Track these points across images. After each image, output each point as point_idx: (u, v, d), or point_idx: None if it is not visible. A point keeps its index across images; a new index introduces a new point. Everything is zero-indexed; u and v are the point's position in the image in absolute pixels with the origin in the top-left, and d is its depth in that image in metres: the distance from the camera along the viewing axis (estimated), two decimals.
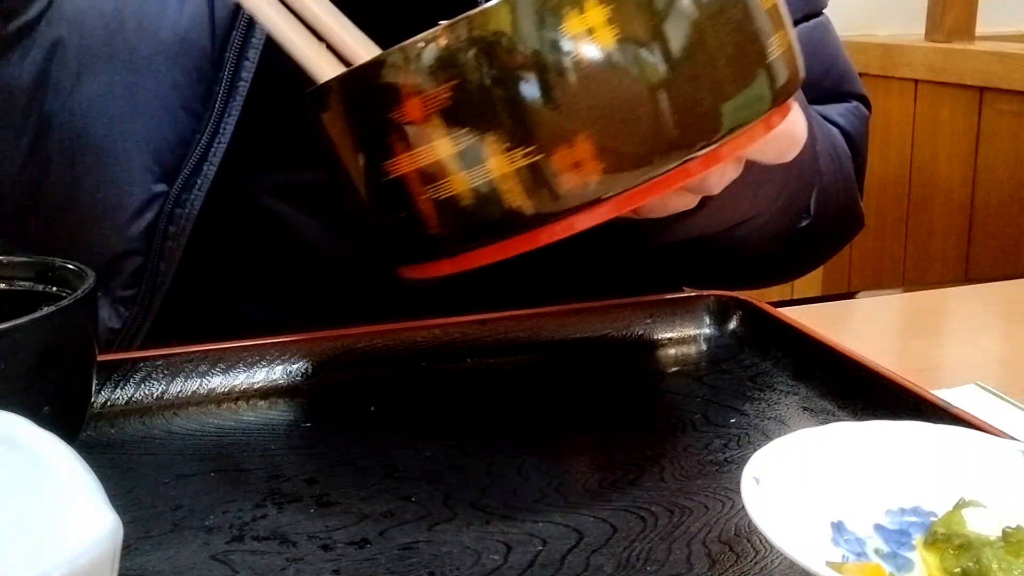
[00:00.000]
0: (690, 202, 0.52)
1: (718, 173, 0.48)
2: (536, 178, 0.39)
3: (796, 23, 0.78)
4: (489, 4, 0.38)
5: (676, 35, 0.39)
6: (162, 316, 0.65)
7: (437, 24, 0.39)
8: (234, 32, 0.61)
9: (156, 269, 0.63)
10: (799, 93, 0.72)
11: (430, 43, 0.38)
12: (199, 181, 0.62)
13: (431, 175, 0.40)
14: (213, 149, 0.61)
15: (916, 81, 1.78)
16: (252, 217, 0.68)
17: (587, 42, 0.38)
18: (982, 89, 1.67)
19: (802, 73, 0.45)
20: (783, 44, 0.42)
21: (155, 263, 0.63)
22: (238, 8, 0.60)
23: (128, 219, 0.62)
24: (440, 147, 0.39)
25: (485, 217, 0.40)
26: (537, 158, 0.38)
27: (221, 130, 0.61)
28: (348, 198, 0.44)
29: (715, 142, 0.40)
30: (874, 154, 1.99)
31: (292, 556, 0.41)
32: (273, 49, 0.48)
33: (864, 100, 0.84)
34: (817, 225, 0.75)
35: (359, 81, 0.41)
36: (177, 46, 0.60)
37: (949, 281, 1.57)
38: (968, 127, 1.70)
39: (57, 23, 0.60)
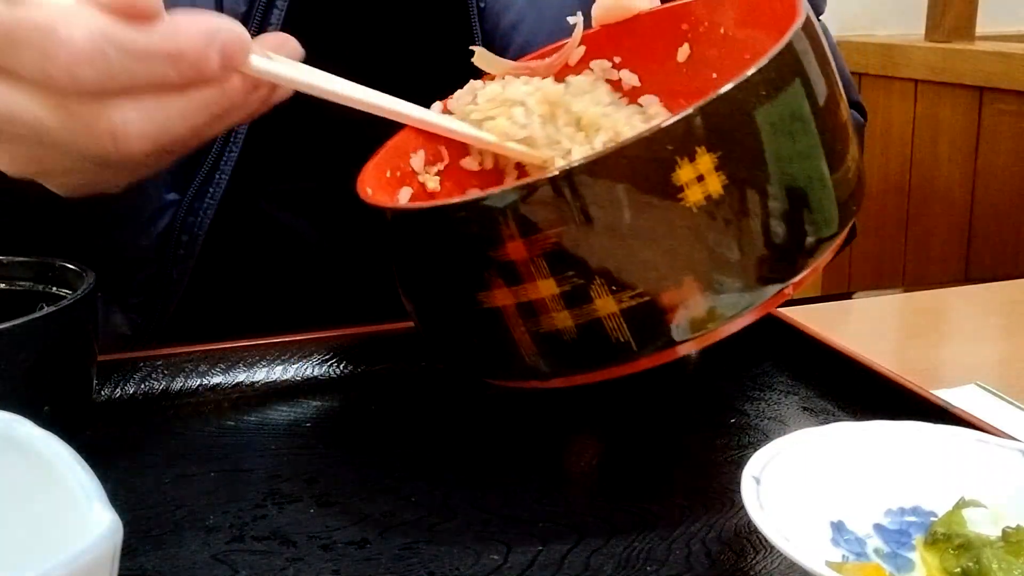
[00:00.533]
0: None
1: None
2: (642, 317, 0.39)
3: None
4: (600, 151, 0.38)
5: (777, 179, 0.39)
6: (171, 323, 0.65)
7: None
8: None
9: (169, 277, 0.63)
10: None
11: (536, 188, 0.38)
12: (211, 190, 0.62)
13: (533, 311, 0.39)
14: (225, 158, 0.62)
15: (916, 81, 1.79)
16: (256, 224, 0.68)
17: (696, 189, 0.38)
18: (982, 89, 1.67)
19: (864, 182, 0.46)
20: (855, 157, 0.44)
21: (168, 271, 0.63)
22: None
23: (141, 227, 0.62)
24: (543, 287, 0.39)
25: (587, 349, 0.40)
26: (644, 299, 0.39)
27: (233, 139, 0.62)
28: (427, 312, 0.44)
29: (808, 266, 0.41)
30: (874, 154, 2.00)
31: (292, 556, 0.41)
32: None
33: (860, 108, 0.84)
34: None
35: (459, 213, 0.39)
36: None
37: (949, 281, 1.57)
38: (968, 127, 1.70)
39: None
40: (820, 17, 0.82)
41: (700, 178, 0.38)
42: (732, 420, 0.52)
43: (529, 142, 0.48)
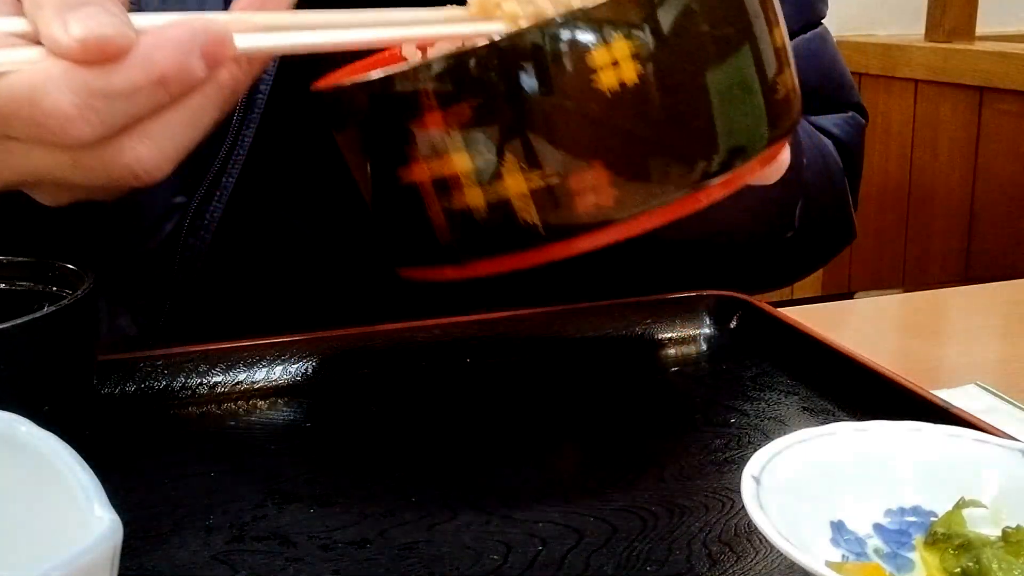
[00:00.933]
0: None
1: None
2: (550, 199, 0.39)
3: (795, 34, 0.78)
4: (521, 28, 0.39)
5: (695, 74, 0.40)
6: (175, 322, 0.65)
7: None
8: None
9: (176, 279, 0.64)
10: None
11: (458, 59, 0.38)
12: (219, 193, 0.62)
13: (446, 186, 0.40)
14: (232, 161, 0.62)
15: (916, 81, 1.79)
16: (264, 227, 0.68)
17: (611, 74, 0.38)
18: (982, 89, 1.67)
19: (800, 111, 0.46)
20: (788, 84, 0.44)
21: (175, 273, 0.64)
22: None
23: (148, 230, 0.63)
24: (458, 161, 0.39)
25: (497, 231, 0.40)
26: (553, 181, 0.39)
27: (240, 142, 0.62)
28: (363, 195, 0.45)
29: (720, 174, 0.41)
30: (874, 154, 2.00)
31: (292, 556, 0.41)
32: (290, 61, 0.48)
33: (860, 109, 0.84)
34: (803, 236, 0.75)
35: (382, 87, 0.41)
36: None
37: (949, 281, 1.57)
38: (968, 127, 1.70)
39: None
40: (823, 20, 0.82)
41: (615, 63, 0.38)
42: (732, 420, 0.52)
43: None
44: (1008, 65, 1.62)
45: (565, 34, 0.38)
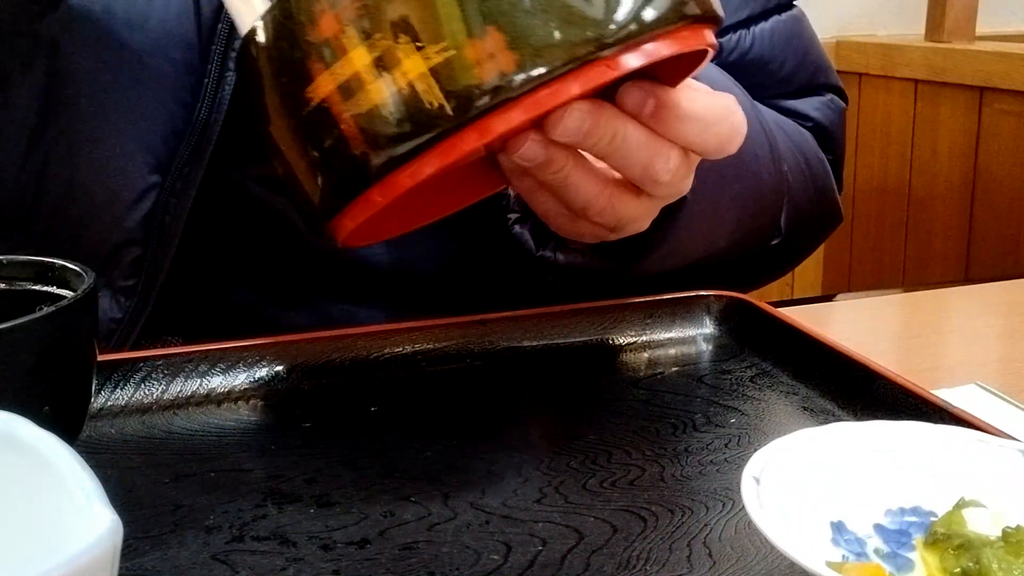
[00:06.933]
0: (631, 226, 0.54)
1: (663, 159, 0.49)
2: (451, 74, 0.39)
3: (768, 14, 0.79)
4: None
5: None
6: (160, 307, 0.66)
7: None
8: (220, 25, 0.62)
9: (154, 258, 0.64)
10: (746, 96, 0.72)
11: None
12: (191, 171, 0.63)
13: (351, 89, 0.40)
14: (204, 139, 0.62)
15: (916, 81, 1.79)
16: (243, 207, 0.69)
17: None
18: (982, 89, 1.67)
19: (720, 12, 0.45)
20: None
21: (153, 252, 0.64)
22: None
23: (125, 210, 0.63)
24: (356, 58, 0.40)
25: (406, 123, 0.40)
26: (450, 53, 0.39)
27: (212, 121, 0.62)
28: (281, 157, 0.44)
29: (623, 42, 0.41)
30: (874, 154, 2.00)
31: (292, 556, 0.41)
32: None
33: (839, 92, 0.84)
34: (790, 238, 0.75)
35: (278, 14, 0.41)
36: (164, 39, 0.62)
37: (949, 281, 1.57)
38: (968, 127, 1.70)
39: (52, 23, 0.61)
40: (795, 5, 0.82)
41: None
42: (732, 420, 0.52)
43: None
44: (1008, 65, 1.62)
45: None
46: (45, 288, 0.46)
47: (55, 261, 0.46)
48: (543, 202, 0.52)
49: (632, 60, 0.41)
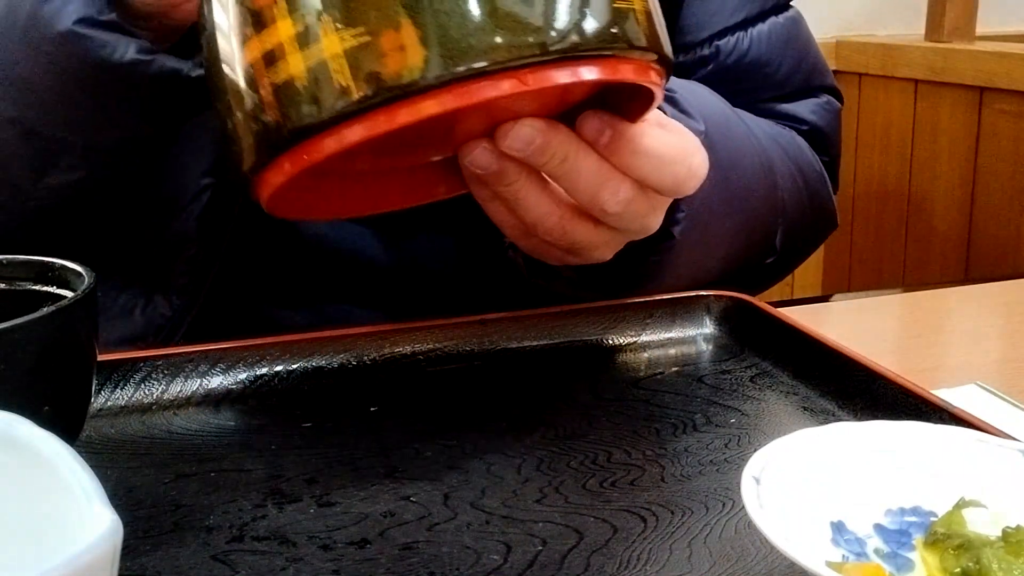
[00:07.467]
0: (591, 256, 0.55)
1: (611, 190, 0.50)
2: (364, 59, 0.40)
3: (765, 15, 0.79)
4: None
5: None
6: (202, 320, 0.66)
7: None
8: None
9: (208, 257, 0.65)
10: (740, 121, 0.72)
11: None
12: None
13: (273, 58, 0.41)
14: None
15: (916, 81, 1.78)
16: (287, 222, 0.69)
17: None
18: (982, 89, 1.67)
19: (666, 47, 0.45)
20: (639, 4, 0.43)
21: (205, 252, 0.65)
22: None
23: (181, 210, 0.65)
24: (282, 29, 0.41)
25: (315, 97, 0.40)
26: (365, 39, 0.40)
27: None
28: (216, 111, 0.45)
29: (541, 58, 0.41)
30: (874, 154, 2.00)
31: (292, 556, 0.41)
32: None
33: (835, 92, 0.84)
34: (785, 254, 0.76)
35: None
36: None
37: (949, 281, 1.57)
38: (968, 127, 1.70)
39: None
40: (791, 6, 0.82)
41: None
42: (732, 420, 0.52)
43: None
44: (1008, 65, 1.62)
45: None
46: (45, 288, 0.46)
47: (55, 261, 0.46)
48: (497, 212, 0.53)
49: (544, 77, 0.41)
